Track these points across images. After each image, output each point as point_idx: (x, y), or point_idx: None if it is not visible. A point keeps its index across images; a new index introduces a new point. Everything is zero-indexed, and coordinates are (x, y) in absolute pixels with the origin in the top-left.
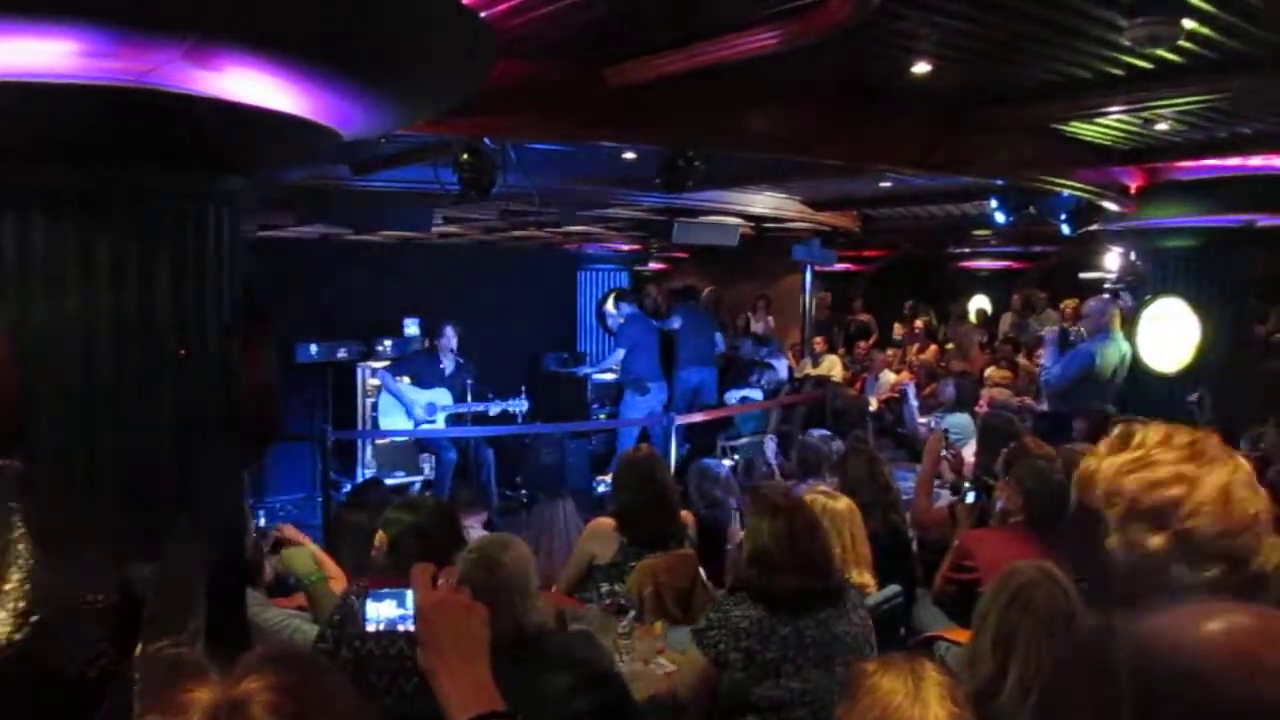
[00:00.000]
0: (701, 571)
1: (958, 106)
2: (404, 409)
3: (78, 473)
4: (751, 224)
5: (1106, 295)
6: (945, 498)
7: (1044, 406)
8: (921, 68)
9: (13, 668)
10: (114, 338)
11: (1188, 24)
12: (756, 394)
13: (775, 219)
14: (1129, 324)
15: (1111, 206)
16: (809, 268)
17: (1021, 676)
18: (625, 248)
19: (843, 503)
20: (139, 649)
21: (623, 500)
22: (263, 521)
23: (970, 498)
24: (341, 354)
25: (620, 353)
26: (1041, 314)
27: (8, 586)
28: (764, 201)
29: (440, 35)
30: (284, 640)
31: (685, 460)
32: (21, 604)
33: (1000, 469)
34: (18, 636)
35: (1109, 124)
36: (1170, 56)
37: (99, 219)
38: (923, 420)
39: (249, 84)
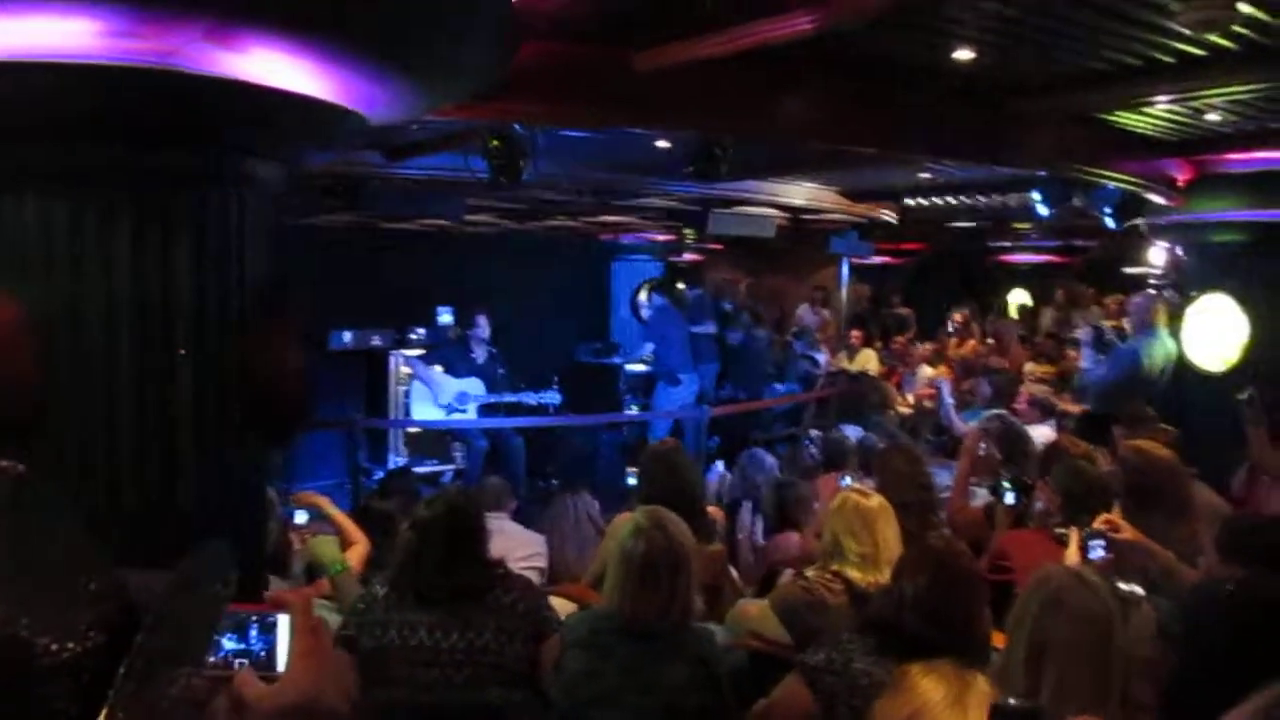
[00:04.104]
0: (731, 569)
1: (1000, 95)
2: (431, 396)
3: (94, 468)
4: (788, 215)
5: (1151, 291)
6: (982, 496)
7: (1086, 406)
8: (964, 54)
9: None
10: (133, 322)
11: (1243, 8)
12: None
13: (812, 210)
14: (1175, 320)
15: (1158, 199)
16: (846, 260)
17: (1056, 690)
18: (660, 238)
19: (875, 500)
20: (106, 710)
21: (646, 494)
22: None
23: (1009, 498)
24: (375, 341)
25: (649, 346)
26: (1086, 309)
27: None
28: (801, 192)
29: (464, 15)
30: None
31: (716, 453)
32: None
33: (1037, 469)
34: None
35: (1156, 114)
36: (1223, 42)
37: (119, 202)
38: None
39: (271, 65)
